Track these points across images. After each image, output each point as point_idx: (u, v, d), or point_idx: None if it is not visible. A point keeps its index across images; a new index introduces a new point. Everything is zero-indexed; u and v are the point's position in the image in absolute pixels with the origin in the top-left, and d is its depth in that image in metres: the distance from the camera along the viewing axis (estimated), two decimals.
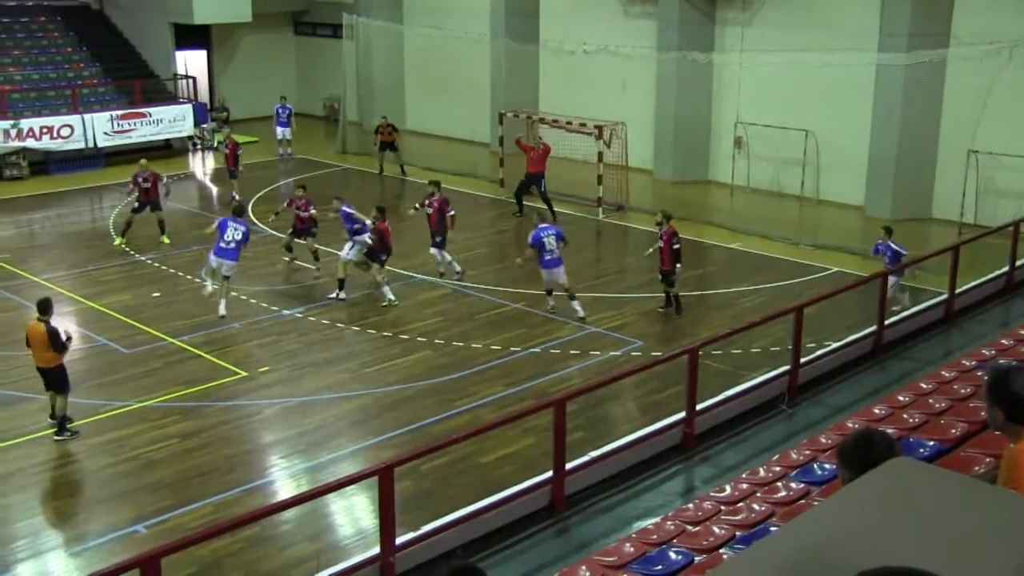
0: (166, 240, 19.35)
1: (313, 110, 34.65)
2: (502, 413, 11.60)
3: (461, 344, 14.58)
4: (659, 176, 25.17)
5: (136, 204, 19.47)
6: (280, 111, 27.60)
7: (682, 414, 9.23)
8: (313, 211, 17.71)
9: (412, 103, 31.66)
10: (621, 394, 12.83)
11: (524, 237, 20.14)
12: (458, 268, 17.33)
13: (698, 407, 9.24)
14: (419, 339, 14.77)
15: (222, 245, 15.54)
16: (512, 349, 14.39)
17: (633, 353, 14.21)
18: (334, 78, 31.31)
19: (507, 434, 11.20)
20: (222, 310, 15.37)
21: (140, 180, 19.39)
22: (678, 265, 15.21)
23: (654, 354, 13.79)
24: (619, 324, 15.38)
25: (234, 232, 15.55)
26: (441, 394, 12.96)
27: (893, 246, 14.64)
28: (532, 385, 13.15)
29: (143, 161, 20.20)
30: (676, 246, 15.20)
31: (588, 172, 22.40)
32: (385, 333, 15.00)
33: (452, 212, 17.47)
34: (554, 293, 15.60)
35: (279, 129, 27.54)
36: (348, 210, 16.76)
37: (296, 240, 17.92)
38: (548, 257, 15.10)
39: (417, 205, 18.01)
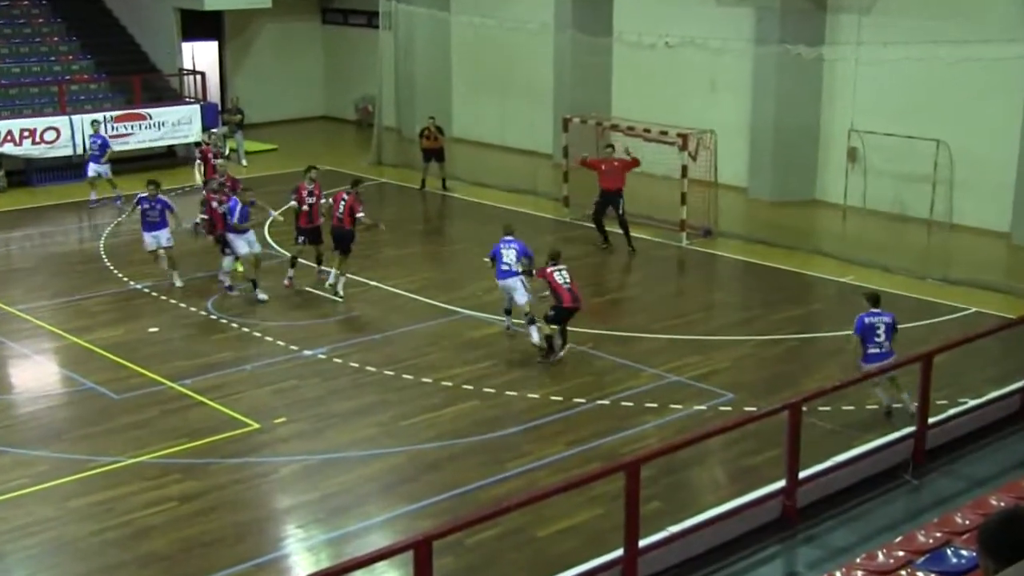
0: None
1: (343, 113, 35.19)
2: (563, 477, 11.57)
3: (515, 393, 14.62)
4: (755, 195, 25.09)
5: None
6: (94, 142, 25.45)
7: (781, 483, 9.16)
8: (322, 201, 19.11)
9: (460, 106, 31.99)
10: (707, 457, 12.74)
11: (599, 269, 20.27)
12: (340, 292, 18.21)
13: (801, 475, 9.16)
14: (465, 387, 14.83)
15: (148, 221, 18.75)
16: (576, 400, 14.40)
17: (722, 408, 14.14)
18: (368, 76, 31.76)
19: (569, 502, 11.17)
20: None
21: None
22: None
23: (747, 409, 13.67)
24: (705, 372, 15.32)
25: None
26: (490, 453, 12.98)
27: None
28: (599, 444, 13.12)
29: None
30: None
31: (669, 189, 22.41)
32: (424, 379, 15.09)
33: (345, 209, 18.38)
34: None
35: (92, 167, 24.95)
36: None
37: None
38: (504, 268, 16.01)
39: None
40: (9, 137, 26.01)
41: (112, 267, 20.13)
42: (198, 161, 23.34)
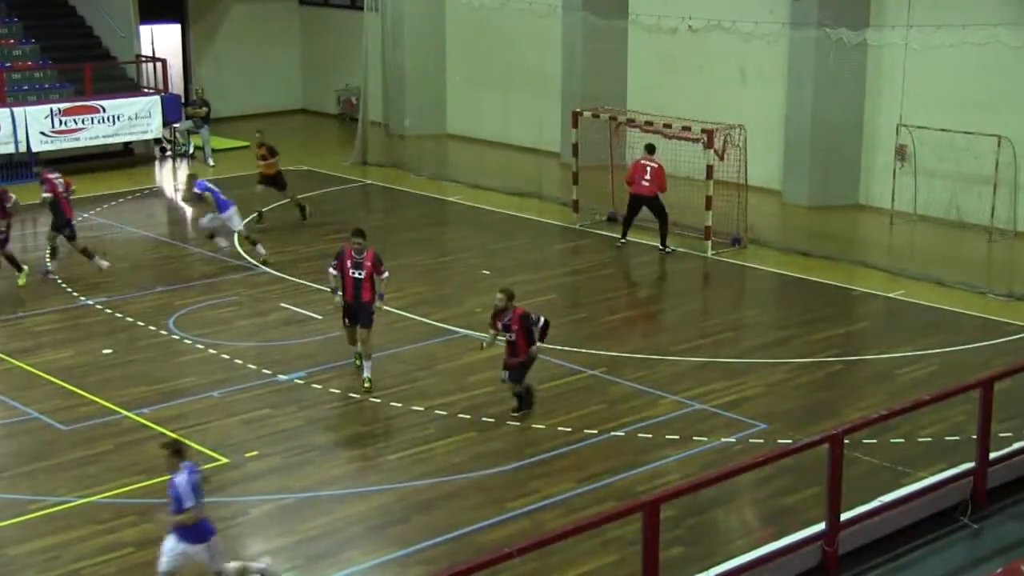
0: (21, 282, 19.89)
1: (324, 107, 35.30)
2: (573, 519, 11.58)
3: (517, 424, 14.64)
4: (790, 199, 25.13)
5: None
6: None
7: (821, 526, 9.17)
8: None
9: (456, 99, 32.09)
10: (736, 496, 12.72)
11: (613, 282, 20.28)
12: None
13: (843, 517, 9.17)
14: (461, 416, 14.84)
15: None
16: (587, 432, 14.40)
17: (753, 440, 14.13)
18: (352, 64, 31.87)
19: (580, 547, 11.17)
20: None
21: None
22: (535, 347, 14.76)
23: (782, 441, 13.67)
24: (734, 400, 15.33)
25: None
26: (490, 491, 12.97)
27: None
28: (613, 481, 13.10)
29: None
30: (539, 324, 14.74)
31: (693, 192, 22.46)
32: (415, 407, 15.11)
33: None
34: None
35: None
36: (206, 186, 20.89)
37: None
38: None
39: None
40: None
41: (60, 280, 20.17)
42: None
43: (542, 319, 14.65)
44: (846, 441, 9.43)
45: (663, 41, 25.96)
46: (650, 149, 21.55)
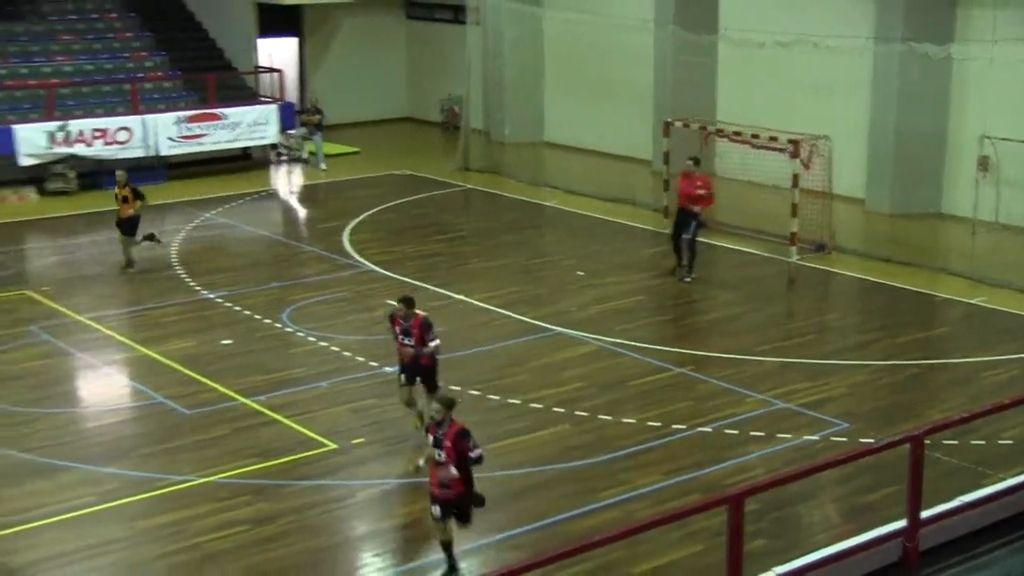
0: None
1: (427, 115, 35.50)
2: (660, 510, 11.53)
3: (608, 418, 14.60)
4: (873, 207, 24.75)
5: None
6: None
7: (902, 523, 9.00)
8: None
9: (553, 109, 32.09)
10: (818, 492, 12.59)
11: (701, 286, 20.14)
12: None
13: (924, 515, 8.99)
14: (555, 409, 14.84)
15: None
16: (675, 427, 14.33)
17: (835, 438, 13.96)
18: (455, 74, 32.02)
19: (666, 537, 11.13)
20: None
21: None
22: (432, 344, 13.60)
23: (864, 441, 13.49)
24: (817, 399, 15.15)
25: None
26: (581, 482, 12.98)
27: None
28: (700, 475, 13.05)
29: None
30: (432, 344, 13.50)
31: (779, 200, 22.22)
32: (511, 400, 15.14)
33: None
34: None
35: None
36: None
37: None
38: None
39: None
40: (81, 137, 26.71)
41: (184, 275, 20.54)
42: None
43: (479, 451, 10.74)
44: (927, 441, 9.23)
45: (751, 55, 25.67)
46: (696, 162, 20.51)
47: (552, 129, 31.88)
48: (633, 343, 17.13)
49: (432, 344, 13.57)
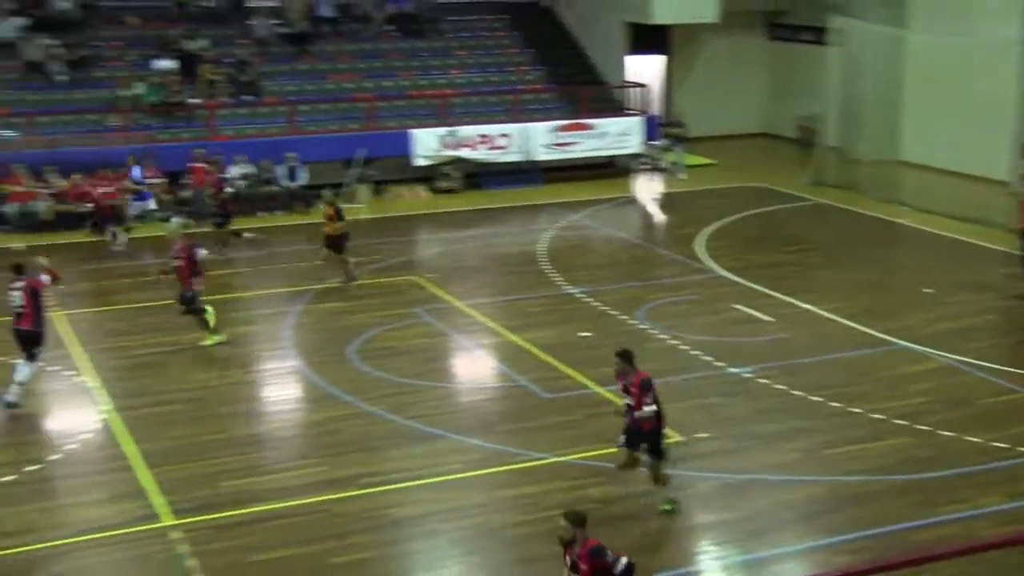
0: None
1: (782, 130, 34.89)
2: (1005, 531, 10.89)
3: (951, 434, 13.91)
4: None
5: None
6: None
7: None
8: None
9: (911, 128, 30.75)
10: None
11: None
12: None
13: None
14: (896, 421, 14.30)
15: None
16: (1020, 449, 13.48)
17: None
18: (812, 93, 31.32)
19: (1009, 560, 10.49)
20: None
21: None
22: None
23: None
24: None
25: None
26: (919, 494, 12.47)
27: None
28: None
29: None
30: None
31: None
32: (853, 409, 14.70)
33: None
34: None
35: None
36: None
37: None
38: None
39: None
40: (467, 142, 28.08)
41: (549, 271, 21.15)
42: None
43: (624, 561, 9.10)
44: None
45: None
46: None
47: (908, 148, 30.57)
48: (981, 362, 16.22)
49: (648, 409, 11.64)
